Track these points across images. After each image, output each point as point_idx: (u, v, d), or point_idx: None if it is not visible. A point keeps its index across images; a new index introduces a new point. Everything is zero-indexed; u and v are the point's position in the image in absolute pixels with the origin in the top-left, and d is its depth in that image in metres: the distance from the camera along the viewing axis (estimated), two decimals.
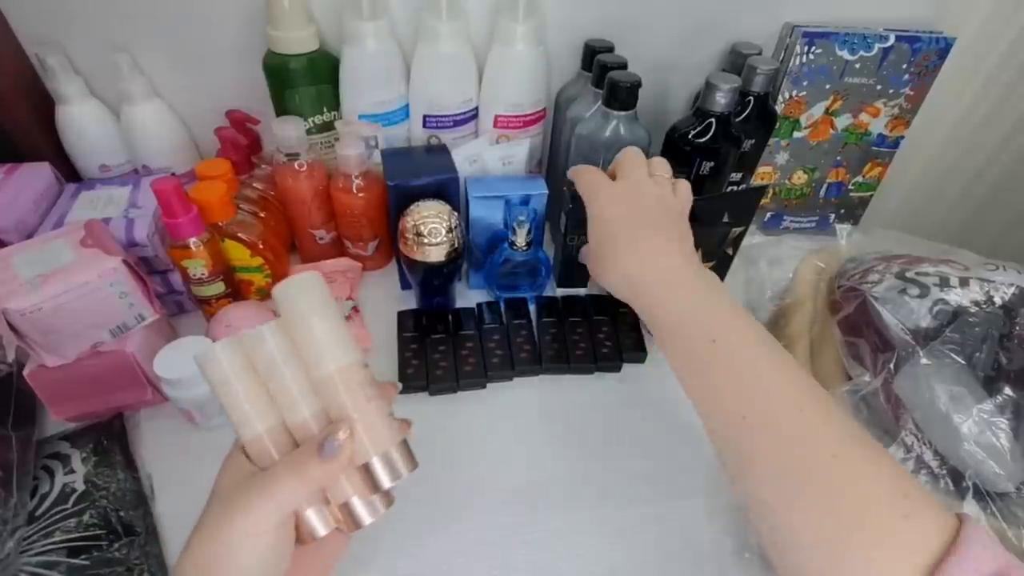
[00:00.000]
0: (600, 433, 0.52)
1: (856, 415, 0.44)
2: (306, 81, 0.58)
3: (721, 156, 0.57)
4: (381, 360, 0.56)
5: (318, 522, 0.29)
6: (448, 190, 0.55)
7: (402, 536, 0.43)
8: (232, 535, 0.26)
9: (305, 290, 0.28)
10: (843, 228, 0.59)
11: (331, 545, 0.32)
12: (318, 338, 0.28)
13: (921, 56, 0.63)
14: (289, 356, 0.28)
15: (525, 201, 0.58)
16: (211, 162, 0.56)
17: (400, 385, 0.34)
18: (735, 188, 0.67)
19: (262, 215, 0.59)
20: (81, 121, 0.59)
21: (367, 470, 0.29)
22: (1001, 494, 0.40)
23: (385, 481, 0.29)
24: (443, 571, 0.42)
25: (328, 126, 0.63)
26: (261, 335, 0.28)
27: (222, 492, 0.28)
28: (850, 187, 0.75)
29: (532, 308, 0.61)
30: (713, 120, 0.55)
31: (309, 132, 0.61)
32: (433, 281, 0.57)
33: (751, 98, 0.60)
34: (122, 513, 0.42)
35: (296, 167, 0.57)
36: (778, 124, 0.66)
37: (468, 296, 0.64)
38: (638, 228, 0.40)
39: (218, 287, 0.53)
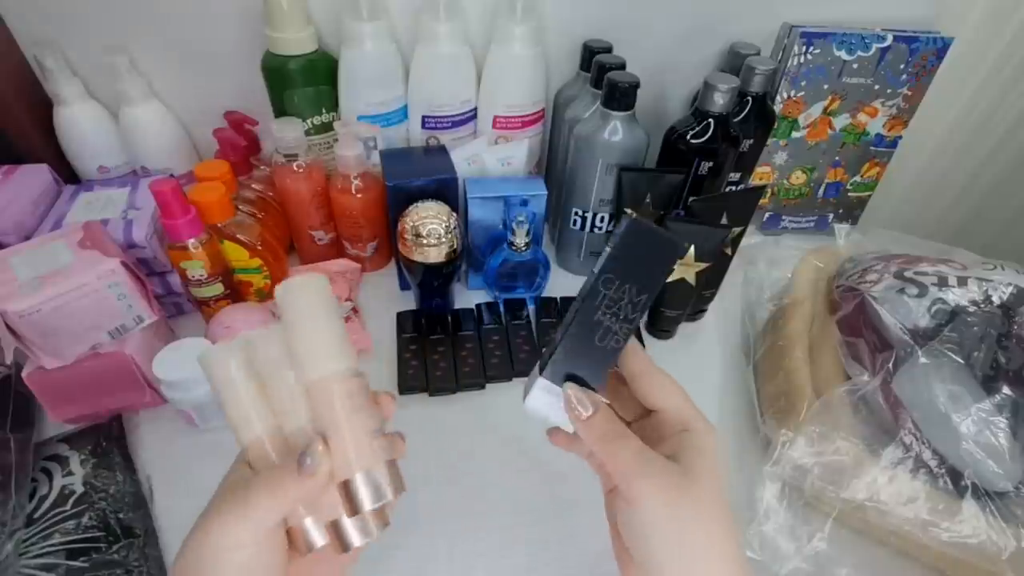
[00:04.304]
0: None
1: (855, 415, 0.44)
2: (305, 82, 0.58)
3: (720, 156, 0.57)
4: (381, 361, 0.56)
5: (316, 533, 0.28)
6: (447, 191, 0.55)
7: (403, 536, 0.43)
8: (210, 549, 0.26)
9: (305, 292, 0.27)
10: (841, 228, 0.59)
11: (335, 563, 0.31)
12: (309, 342, 0.27)
13: (919, 56, 0.63)
14: (287, 361, 0.27)
15: (524, 202, 0.58)
16: (210, 163, 0.56)
17: (397, 396, 0.32)
18: (734, 188, 0.67)
19: (261, 216, 0.59)
20: (79, 122, 0.59)
21: (348, 488, 0.27)
22: (1000, 493, 0.40)
23: (366, 502, 0.26)
24: (446, 571, 0.42)
25: (327, 127, 0.63)
26: (262, 337, 0.27)
27: (214, 500, 0.27)
28: (848, 187, 0.75)
29: (531, 309, 0.61)
30: (712, 120, 0.55)
31: (308, 133, 0.61)
32: (432, 282, 0.57)
33: (749, 98, 0.60)
34: (121, 515, 0.42)
35: (295, 168, 0.57)
36: (776, 124, 0.66)
37: (467, 297, 0.64)
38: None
39: (217, 288, 0.53)
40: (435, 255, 0.53)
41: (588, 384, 0.30)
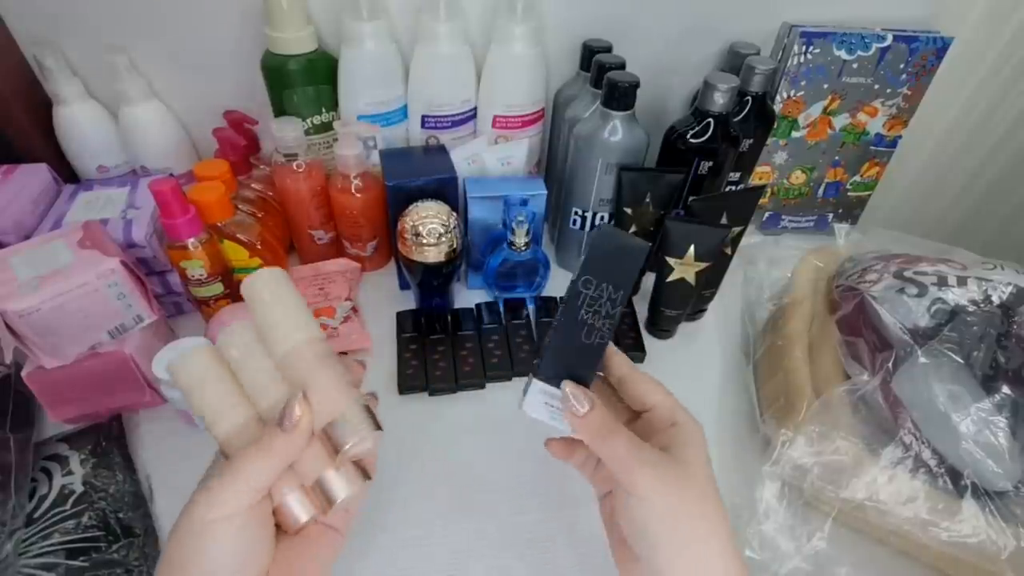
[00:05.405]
0: None
1: (855, 414, 0.44)
2: (304, 81, 0.58)
3: (719, 156, 0.57)
4: (380, 361, 0.56)
5: (299, 506, 0.29)
6: (447, 190, 0.55)
7: (402, 534, 0.44)
8: (196, 522, 0.25)
9: (267, 281, 0.29)
10: (841, 228, 0.59)
11: (323, 543, 0.31)
12: (279, 320, 0.29)
13: (919, 56, 0.63)
14: (257, 348, 0.29)
15: (524, 201, 0.58)
16: (209, 162, 0.56)
17: (366, 363, 0.34)
18: (734, 188, 0.67)
19: (260, 216, 0.59)
20: (79, 122, 0.59)
21: (328, 430, 0.28)
22: (999, 493, 0.40)
23: (347, 437, 0.27)
24: (445, 570, 0.42)
25: (327, 127, 0.63)
26: (230, 331, 0.29)
27: (200, 483, 0.28)
28: (848, 187, 0.75)
29: (531, 308, 0.61)
30: (711, 120, 0.55)
31: (307, 133, 0.61)
32: (432, 281, 0.57)
33: (749, 98, 0.60)
34: (121, 515, 0.42)
35: (294, 168, 0.57)
36: (776, 124, 0.66)
37: (467, 296, 0.64)
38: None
39: (216, 288, 0.53)
40: (435, 255, 0.53)
41: (581, 382, 0.31)
